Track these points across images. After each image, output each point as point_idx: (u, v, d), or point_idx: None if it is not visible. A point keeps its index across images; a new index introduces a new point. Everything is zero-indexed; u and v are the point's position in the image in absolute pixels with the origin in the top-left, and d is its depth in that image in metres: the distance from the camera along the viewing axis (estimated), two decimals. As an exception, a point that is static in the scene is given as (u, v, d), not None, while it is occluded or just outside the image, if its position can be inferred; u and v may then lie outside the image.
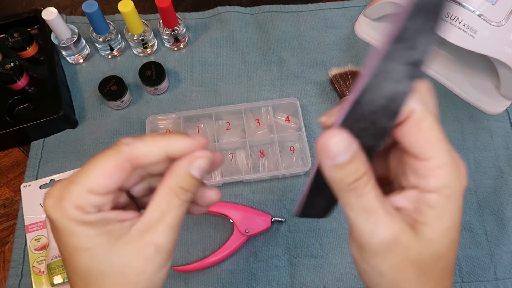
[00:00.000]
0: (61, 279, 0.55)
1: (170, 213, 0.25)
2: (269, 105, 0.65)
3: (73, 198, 0.24)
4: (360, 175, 0.22)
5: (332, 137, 0.22)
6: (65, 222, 0.24)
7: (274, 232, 0.60)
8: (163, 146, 0.25)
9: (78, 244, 0.24)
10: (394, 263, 0.23)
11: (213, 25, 0.74)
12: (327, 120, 0.24)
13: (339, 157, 0.22)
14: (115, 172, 0.24)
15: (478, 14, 0.56)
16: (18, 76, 0.65)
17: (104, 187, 0.24)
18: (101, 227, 0.24)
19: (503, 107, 0.66)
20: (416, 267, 0.23)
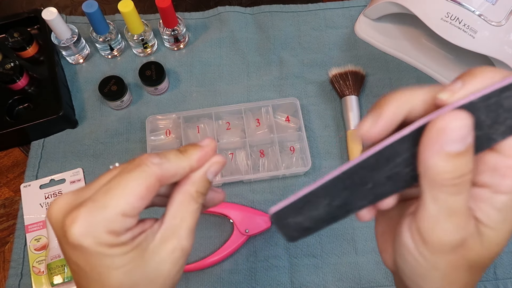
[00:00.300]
0: (61, 279, 0.55)
1: (190, 217, 0.27)
2: (269, 105, 0.65)
3: (106, 223, 0.23)
4: (466, 172, 0.19)
5: (456, 119, 0.18)
6: (97, 247, 0.23)
7: (274, 232, 0.60)
8: (188, 164, 0.27)
9: (111, 264, 0.24)
10: (453, 261, 0.22)
11: (213, 25, 0.74)
12: (449, 98, 0.20)
13: (455, 144, 0.19)
14: (146, 194, 0.25)
15: (478, 14, 0.56)
16: (18, 76, 0.65)
17: (136, 209, 0.24)
18: (131, 244, 0.25)
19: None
20: (470, 265, 0.23)
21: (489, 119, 0.19)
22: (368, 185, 0.22)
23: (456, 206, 0.20)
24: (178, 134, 0.64)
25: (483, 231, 0.22)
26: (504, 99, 0.19)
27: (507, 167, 0.21)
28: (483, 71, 0.20)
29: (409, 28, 0.71)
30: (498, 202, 0.21)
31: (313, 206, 0.23)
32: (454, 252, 0.22)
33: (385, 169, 0.21)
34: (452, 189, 0.20)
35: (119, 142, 0.66)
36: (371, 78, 0.69)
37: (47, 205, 0.61)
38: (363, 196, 0.22)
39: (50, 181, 0.63)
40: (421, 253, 0.22)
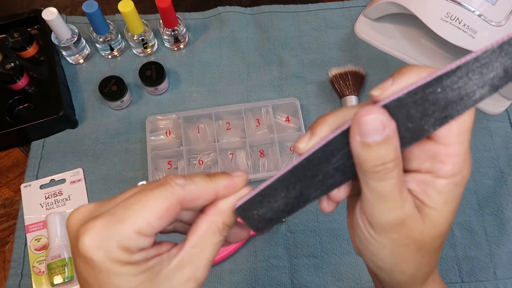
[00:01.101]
0: (61, 279, 0.55)
1: (210, 249, 0.26)
2: (269, 105, 0.65)
3: (119, 238, 0.22)
4: (387, 160, 0.22)
5: (369, 114, 0.21)
6: (107, 263, 0.22)
7: (274, 232, 0.60)
8: (214, 191, 0.26)
9: (119, 284, 0.23)
10: (397, 239, 0.25)
11: (213, 25, 0.74)
12: (379, 95, 0.23)
13: (370, 136, 0.21)
14: (166, 215, 0.24)
15: (478, 14, 0.56)
16: (18, 76, 0.65)
17: (152, 229, 0.23)
18: (143, 265, 0.24)
19: (503, 107, 0.66)
20: (416, 244, 0.25)
21: (418, 112, 0.22)
22: (319, 177, 0.24)
23: (384, 190, 0.23)
24: (178, 134, 0.64)
25: (426, 212, 0.24)
26: (428, 94, 0.21)
27: (445, 155, 0.23)
28: (410, 70, 0.22)
29: (409, 28, 0.71)
30: (439, 185, 0.23)
31: (272, 199, 0.25)
32: (396, 231, 0.24)
33: (331, 161, 0.24)
34: (376, 176, 0.22)
35: (119, 142, 0.66)
36: (371, 78, 0.69)
37: (47, 205, 0.61)
38: (316, 187, 0.25)
39: (50, 181, 0.63)
40: (369, 233, 0.25)
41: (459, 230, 0.60)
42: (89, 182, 0.63)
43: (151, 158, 0.62)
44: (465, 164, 0.23)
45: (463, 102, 0.22)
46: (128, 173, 0.64)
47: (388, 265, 0.26)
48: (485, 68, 0.21)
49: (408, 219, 0.24)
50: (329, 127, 0.25)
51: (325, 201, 0.27)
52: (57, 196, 0.62)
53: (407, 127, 0.22)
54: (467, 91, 0.21)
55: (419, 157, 0.24)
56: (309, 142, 0.25)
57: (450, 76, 0.21)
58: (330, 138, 0.23)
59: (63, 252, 0.57)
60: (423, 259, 0.26)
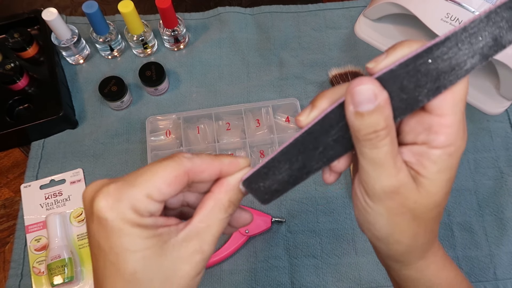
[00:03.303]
0: (61, 279, 0.55)
1: (217, 225, 0.27)
2: (269, 106, 0.65)
3: (131, 200, 0.24)
4: (379, 128, 0.22)
5: (361, 84, 0.22)
6: (119, 222, 0.24)
7: (274, 233, 0.60)
8: (218, 166, 0.27)
9: (129, 245, 0.24)
10: (392, 207, 0.25)
11: (213, 26, 0.74)
12: (374, 67, 0.24)
13: (362, 105, 0.22)
14: (174, 182, 0.25)
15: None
16: (18, 76, 0.65)
17: (162, 194, 0.25)
18: (152, 230, 0.25)
19: (503, 108, 0.66)
20: (411, 213, 0.26)
21: (411, 83, 0.22)
22: (320, 149, 0.25)
23: (378, 158, 0.23)
24: (178, 135, 0.64)
25: (421, 181, 0.25)
26: (420, 65, 0.22)
27: (439, 125, 0.24)
28: (403, 43, 0.23)
29: (409, 28, 0.71)
30: (433, 156, 0.24)
31: (276, 171, 0.26)
32: (391, 199, 0.25)
33: (330, 133, 0.24)
34: (369, 144, 0.23)
35: (119, 143, 0.66)
36: (371, 79, 0.69)
37: (47, 206, 0.61)
38: (318, 159, 0.26)
39: (50, 182, 0.63)
40: (366, 201, 0.26)
41: (459, 230, 0.60)
42: (89, 182, 0.63)
43: (151, 158, 0.62)
44: (458, 134, 0.24)
45: (455, 72, 0.22)
46: (128, 173, 0.64)
47: (385, 234, 0.27)
48: (474, 37, 0.21)
49: (402, 187, 0.24)
50: (329, 101, 0.26)
51: (327, 172, 0.28)
52: (57, 196, 0.62)
53: (401, 97, 0.23)
54: (457, 61, 0.22)
55: (415, 130, 0.25)
56: (309, 115, 0.25)
57: (440, 46, 0.22)
58: (328, 111, 0.24)
59: (63, 252, 0.57)
60: (419, 228, 0.27)
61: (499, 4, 0.21)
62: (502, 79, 0.62)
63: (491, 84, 0.67)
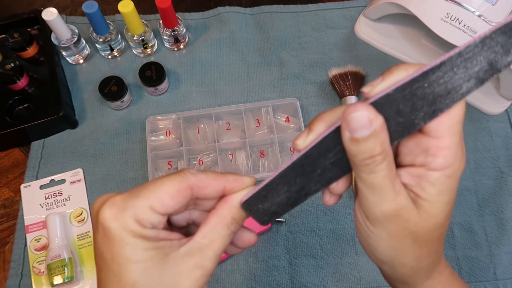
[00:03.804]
0: (61, 279, 0.55)
1: (219, 242, 0.27)
2: (269, 106, 0.65)
3: (134, 211, 0.25)
4: (375, 153, 0.22)
5: (356, 111, 0.22)
6: (122, 232, 0.24)
7: (274, 233, 0.60)
8: (222, 182, 0.27)
9: (131, 255, 0.25)
10: (393, 231, 0.25)
11: (213, 26, 0.74)
12: (370, 91, 0.24)
13: (357, 132, 0.22)
14: (177, 196, 0.26)
15: (478, 14, 0.56)
16: (18, 76, 0.65)
17: (165, 207, 0.26)
18: (154, 242, 0.25)
19: (503, 108, 0.66)
20: (413, 235, 0.26)
21: (407, 107, 0.23)
22: (317, 171, 0.25)
23: (375, 182, 0.23)
24: (178, 135, 0.64)
25: (421, 204, 0.25)
26: (416, 89, 0.22)
27: (436, 148, 0.24)
28: (399, 67, 0.24)
29: (409, 28, 0.71)
30: (432, 178, 0.24)
31: (275, 193, 0.26)
32: (391, 223, 0.25)
33: (327, 156, 0.25)
34: (366, 168, 0.23)
35: (119, 143, 0.66)
36: (371, 79, 0.69)
37: (47, 206, 0.61)
38: (316, 181, 0.26)
39: (50, 182, 0.63)
40: (367, 226, 0.26)
41: (459, 230, 0.60)
42: (89, 182, 0.63)
43: (151, 158, 0.62)
44: (457, 156, 0.24)
45: (451, 96, 0.22)
46: (128, 173, 0.64)
47: (388, 257, 0.27)
48: (469, 62, 0.21)
49: (402, 210, 0.24)
50: (325, 124, 0.26)
51: (327, 195, 0.28)
52: (57, 196, 0.62)
53: (397, 121, 0.23)
54: (453, 85, 0.22)
55: (413, 152, 0.25)
56: (307, 139, 0.26)
57: (435, 71, 0.22)
58: (325, 135, 0.24)
59: (63, 252, 0.57)
60: (421, 250, 0.27)
61: (493, 30, 0.21)
62: (502, 79, 0.62)
63: (491, 84, 0.67)
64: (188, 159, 0.63)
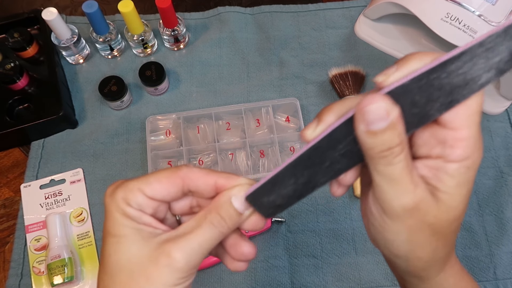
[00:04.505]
0: (61, 279, 0.55)
1: (197, 234, 0.26)
2: (269, 105, 0.65)
3: (125, 190, 0.27)
4: (393, 145, 0.22)
5: (372, 103, 0.21)
6: (111, 207, 0.27)
7: (274, 232, 0.60)
8: (214, 177, 0.28)
9: (111, 228, 0.26)
10: (412, 224, 0.25)
11: (213, 25, 0.74)
12: (384, 81, 0.23)
13: (374, 124, 0.21)
14: (166, 182, 0.27)
15: (478, 14, 0.56)
16: (18, 76, 0.65)
17: (153, 191, 0.27)
18: (134, 222, 0.26)
19: (503, 107, 0.66)
20: (431, 228, 0.25)
21: (423, 98, 0.22)
22: (326, 163, 0.24)
23: (393, 175, 0.23)
24: (178, 134, 0.64)
25: (440, 196, 0.24)
26: (433, 80, 0.21)
27: (454, 139, 0.23)
28: (415, 56, 0.23)
29: (409, 28, 0.71)
30: (450, 170, 0.23)
31: (282, 186, 0.26)
32: (410, 216, 0.24)
33: (337, 148, 0.24)
34: (383, 161, 0.22)
35: (119, 143, 0.66)
36: (371, 78, 0.69)
37: (47, 205, 0.61)
38: (324, 173, 0.25)
39: (50, 181, 0.63)
40: (384, 220, 0.25)
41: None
42: (89, 182, 0.63)
43: (151, 158, 0.62)
44: (475, 147, 0.23)
45: (469, 87, 0.21)
46: (128, 173, 0.64)
47: (404, 252, 0.26)
48: (491, 52, 0.21)
49: (421, 203, 0.24)
50: (335, 115, 0.25)
51: (335, 185, 0.27)
52: (57, 196, 0.62)
53: (412, 112, 0.22)
54: (472, 75, 0.21)
55: (428, 143, 0.24)
56: (316, 130, 0.25)
57: (455, 61, 0.21)
58: (336, 126, 0.23)
59: (63, 252, 0.57)
60: (438, 243, 0.26)
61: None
62: (502, 79, 0.62)
63: (491, 84, 0.67)
64: (188, 159, 0.62)
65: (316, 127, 0.25)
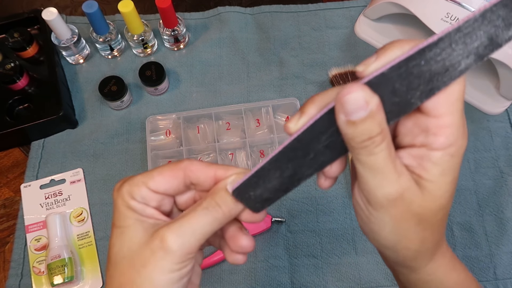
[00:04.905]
0: (61, 279, 0.55)
1: (190, 218, 0.26)
2: (269, 105, 0.65)
3: (131, 185, 0.28)
4: (374, 134, 0.22)
5: (350, 92, 0.21)
6: (117, 201, 0.28)
7: (274, 232, 0.60)
8: (213, 169, 0.28)
9: (116, 221, 0.27)
10: (397, 214, 0.25)
11: (213, 25, 0.74)
12: (363, 71, 0.23)
13: (353, 114, 0.21)
14: (168, 175, 0.28)
15: (478, 14, 0.56)
16: (18, 76, 0.65)
17: (156, 184, 0.28)
18: (137, 214, 0.27)
19: (503, 108, 0.66)
20: (417, 218, 0.25)
21: (403, 86, 0.22)
22: (310, 155, 0.24)
23: (376, 164, 0.23)
24: (178, 134, 0.64)
25: (424, 185, 0.24)
26: (412, 68, 0.21)
27: (437, 127, 0.23)
28: (394, 45, 0.23)
29: (409, 28, 0.71)
30: (434, 158, 0.23)
31: (267, 179, 0.26)
32: (395, 206, 0.24)
33: (321, 139, 0.24)
34: (365, 151, 0.22)
35: (119, 142, 0.66)
36: (371, 78, 0.69)
37: (47, 205, 0.61)
38: (309, 166, 0.25)
39: (50, 181, 0.63)
40: (369, 210, 0.25)
41: (459, 230, 0.60)
42: (89, 182, 0.63)
43: (151, 158, 0.62)
44: (459, 134, 0.23)
45: (449, 73, 0.21)
46: (128, 173, 0.64)
47: (391, 242, 0.26)
48: (469, 37, 0.21)
49: (405, 192, 0.24)
50: (318, 107, 0.25)
51: (321, 178, 0.27)
52: (57, 196, 0.62)
53: (393, 101, 0.22)
54: (451, 62, 0.21)
55: (412, 132, 0.24)
56: (299, 122, 0.25)
57: (433, 48, 0.21)
58: (317, 117, 0.23)
59: (63, 252, 0.57)
60: (425, 232, 0.26)
61: (495, 2, 0.20)
62: (502, 79, 0.62)
63: (491, 84, 0.67)
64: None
65: (299, 119, 0.25)
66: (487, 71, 0.66)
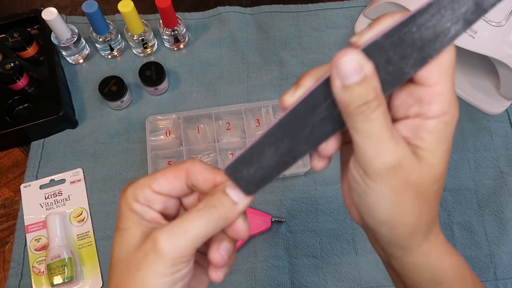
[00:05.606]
0: (61, 279, 0.55)
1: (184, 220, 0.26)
2: (269, 105, 0.65)
3: (135, 187, 0.28)
4: (369, 99, 0.22)
5: (345, 56, 0.21)
6: (121, 203, 0.28)
7: (274, 232, 0.60)
8: (213, 173, 0.28)
9: (118, 223, 0.28)
10: (395, 185, 0.24)
11: (213, 25, 0.74)
12: (357, 40, 0.23)
13: (348, 78, 0.21)
14: (171, 177, 0.28)
15: (478, 14, 0.56)
16: (18, 76, 0.65)
17: (159, 185, 0.28)
18: (138, 217, 0.27)
19: (503, 107, 0.66)
20: (415, 189, 0.25)
21: (397, 54, 0.22)
22: (307, 130, 0.24)
23: (372, 130, 0.22)
24: (178, 134, 0.64)
25: (421, 154, 0.24)
26: (404, 35, 0.22)
27: (430, 95, 0.23)
28: (386, 15, 0.23)
29: (409, 28, 0.71)
30: (429, 126, 0.24)
31: (261, 156, 0.25)
32: (393, 175, 0.24)
33: (317, 112, 0.23)
34: (361, 117, 0.22)
35: (119, 142, 0.66)
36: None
37: (47, 205, 0.61)
38: (305, 141, 0.24)
39: (50, 181, 0.63)
40: (366, 182, 0.25)
41: (459, 230, 0.60)
42: (89, 182, 0.63)
43: (151, 158, 0.62)
44: (451, 102, 0.24)
45: (440, 40, 0.22)
46: (128, 173, 0.64)
47: (388, 216, 0.26)
48: (456, 3, 0.21)
49: (403, 160, 0.23)
50: (314, 79, 0.25)
51: (315, 159, 0.27)
52: (57, 196, 0.62)
53: (387, 70, 0.22)
54: (441, 28, 0.22)
55: (406, 103, 0.24)
56: (294, 94, 0.25)
57: (423, 13, 0.21)
58: (313, 88, 0.23)
59: (63, 252, 0.57)
60: (423, 206, 0.26)
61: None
62: (502, 79, 0.62)
63: (491, 84, 0.67)
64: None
65: (295, 92, 0.25)
66: (487, 71, 0.66)
